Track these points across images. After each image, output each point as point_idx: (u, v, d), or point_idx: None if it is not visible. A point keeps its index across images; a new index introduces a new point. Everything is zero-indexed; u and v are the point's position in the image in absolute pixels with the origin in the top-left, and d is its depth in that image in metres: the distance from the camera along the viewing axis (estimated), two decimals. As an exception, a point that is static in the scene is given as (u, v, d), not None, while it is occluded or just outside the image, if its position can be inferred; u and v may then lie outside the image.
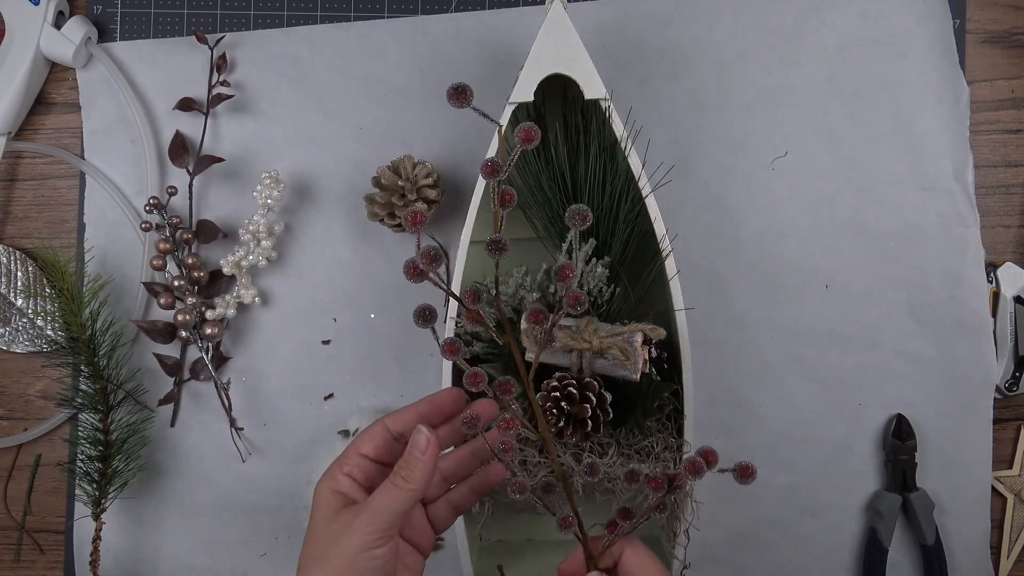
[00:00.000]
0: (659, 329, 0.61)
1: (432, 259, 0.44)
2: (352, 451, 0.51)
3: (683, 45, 0.73)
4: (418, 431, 0.49)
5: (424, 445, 0.48)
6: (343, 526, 0.47)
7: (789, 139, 0.73)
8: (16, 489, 0.76)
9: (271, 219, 0.72)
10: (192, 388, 0.74)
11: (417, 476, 0.48)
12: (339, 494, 0.49)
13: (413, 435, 0.49)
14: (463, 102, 0.46)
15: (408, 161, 0.69)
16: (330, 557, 0.46)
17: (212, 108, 0.74)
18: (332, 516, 0.48)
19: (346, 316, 0.74)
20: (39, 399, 0.76)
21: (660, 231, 0.62)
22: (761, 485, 0.72)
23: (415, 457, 0.48)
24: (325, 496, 0.49)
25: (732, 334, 0.73)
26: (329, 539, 0.47)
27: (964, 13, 0.74)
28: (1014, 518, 0.74)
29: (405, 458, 0.49)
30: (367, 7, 0.75)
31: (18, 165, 0.76)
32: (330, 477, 0.50)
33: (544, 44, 0.61)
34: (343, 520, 0.47)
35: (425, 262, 0.44)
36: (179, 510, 0.74)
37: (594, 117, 0.64)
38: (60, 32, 0.72)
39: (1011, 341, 0.73)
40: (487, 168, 0.46)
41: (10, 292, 0.74)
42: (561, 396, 0.61)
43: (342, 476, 0.50)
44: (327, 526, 0.48)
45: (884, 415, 0.73)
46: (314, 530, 0.49)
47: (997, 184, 0.75)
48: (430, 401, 0.52)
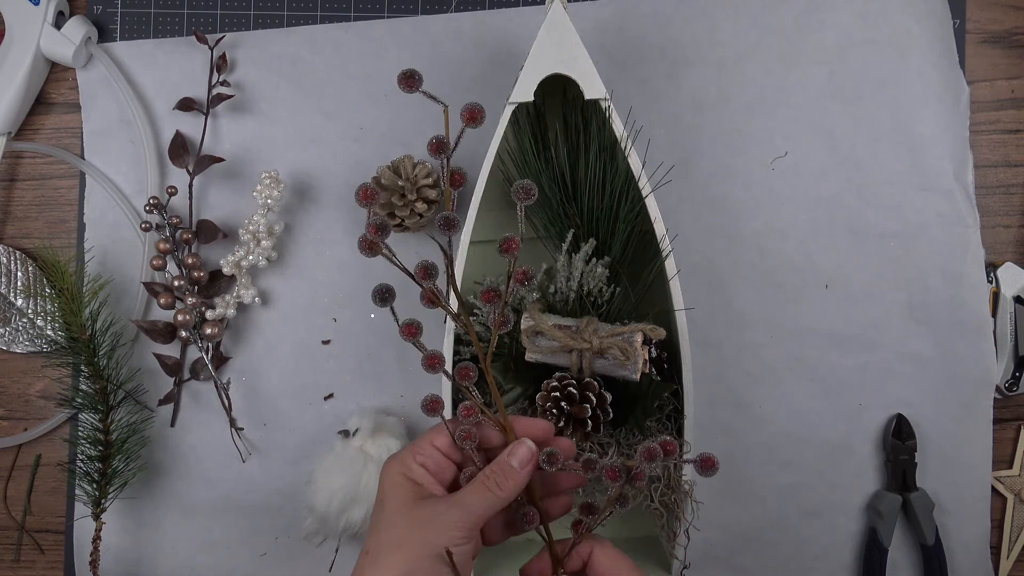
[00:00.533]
0: (659, 329, 0.61)
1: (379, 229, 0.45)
2: (426, 442, 0.50)
3: (683, 45, 0.73)
4: (522, 443, 0.49)
5: (525, 459, 0.49)
6: (429, 517, 0.46)
7: (789, 139, 0.73)
8: (16, 489, 0.76)
9: (271, 219, 0.72)
10: (192, 388, 0.74)
11: (510, 486, 0.48)
12: (413, 482, 0.48)
13: (515, 445, 0.49)
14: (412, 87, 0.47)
15: (408, 161, 0.69)
16: (410, 545, 0.46)
17: (212, 108, 0.74)
18: (410, 504, 0.47)
19: (346, 316, 0.74)
20: (39, 399, 0.76)
21: (660, 231, 0.62)
22: (761, 485, 0.72)
23: (511, 468, 0.49)
24: (398, 481, 0.48)
25: (732, 334, 0.73)
26: (409, 527, 0.46)
27: (964, 13, 0.74)
28: (1014, 518, 0.74)
29: (500, 465, 0.49)
30: (367, 7, 0.75)
31: (18, 165, 0.76)
32: (402, 463, 0.49)
33: (544, 44, 0.61)
34: (428, 511, 0.47)
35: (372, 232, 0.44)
36: (179, 510, 0.74)
37: (594, 117, 0.64)
38: (60, 32, 0.72)
39: (1011, 341, 0.73)
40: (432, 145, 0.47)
41: (10, 292, 0.74)
42: (561, 396, 0.61)
43: (416, 465, 0.49)
44: (406, 513, 0.47)
45: (884, 415, 0.73)
46: (388, 515, 0.47)
47: (997, 184, 0.75)
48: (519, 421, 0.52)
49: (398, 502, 0.48)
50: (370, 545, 0.47)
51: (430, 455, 0.50)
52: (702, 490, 0.66)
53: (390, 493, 0.48)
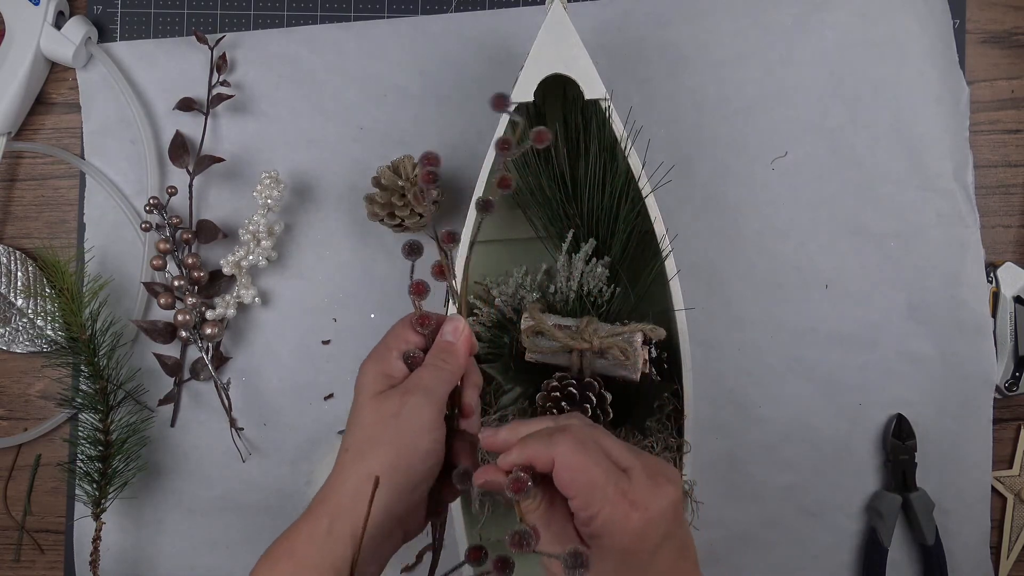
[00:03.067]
0: (659, 329, 0.61)
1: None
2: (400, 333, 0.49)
3: (683, 45, 0.73)
4: (450, 319, 0.49)
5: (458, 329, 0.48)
6: (396, 407, 0.45)
7: (789, 139, 0.73)
8: (16, 489, 0.76)
9: (271, 219, 0.72)
10: (192, 388, 0.74)
11: (453, 359, 0.47)
12: (388, 376, 0.47)
13: (445, 324, 0.48)
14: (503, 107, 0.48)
15: (408, 161, 0.69)
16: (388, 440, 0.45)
17: (212, 108, 0.74)
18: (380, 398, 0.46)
19: (346, 316, 0.74)
20: (39, 399, 0.76)
21: (660, 231, 0.62)
22: (761, 485, 0.72)
23: (448, 343, 0.48)
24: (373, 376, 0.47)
25: (732, 334, 0.73)
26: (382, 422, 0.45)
27: (964, 13, 0.74)
28: (1014, 518, 0.74)
29: (439, 344, 0.48)
30: (367, 7, 0.75)
31: (18, 165, 0.76)
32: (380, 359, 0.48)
33: (544, 44, 0.61)
34: (393, 402, 0.45)
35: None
36: (179, 510, 0.74)
37: (594, 117, 0.64)
38: (60, 32, 0.72)
39: (1011, 341, 0.73)
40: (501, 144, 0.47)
41: (10, 292, 0.74)
42: (561, 396, 0.61)
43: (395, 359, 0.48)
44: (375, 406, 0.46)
45: (884, 415, 0.73)
46: (360, 413, 0.46)
47: (997, 184, 0.75)
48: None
49: (367, 397, 0.46)
50: (348, 443, 0.46)
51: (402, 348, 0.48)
52: (702, 490, 0.66)
53: (362, 390, 0.47)
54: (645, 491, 0.43)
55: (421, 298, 0.48)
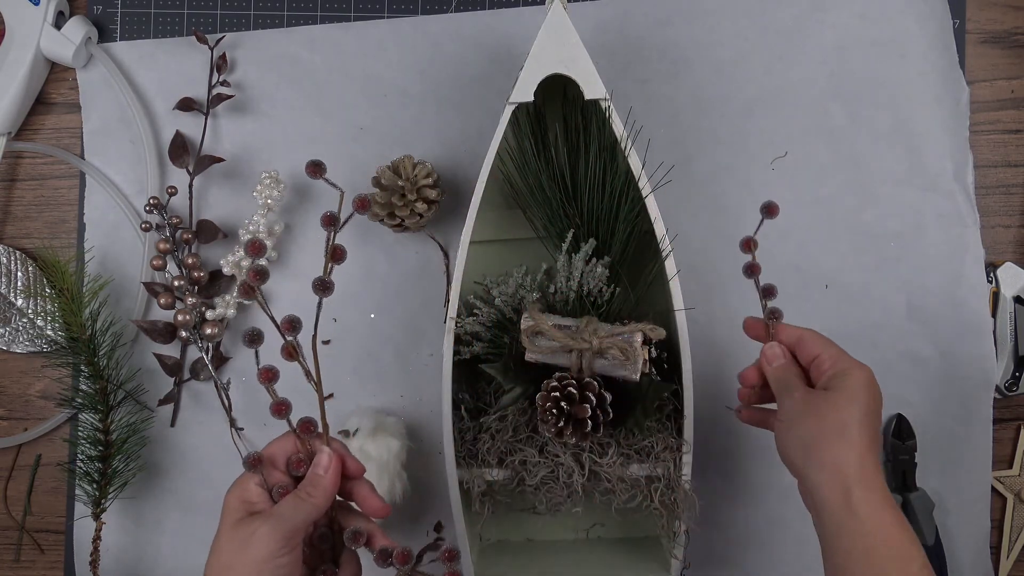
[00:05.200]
0: (659, 329, 0.61)
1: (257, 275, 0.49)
2: (246, 477, 0.51)
3: (683, 45, 0.73)
4: (320, 451, 0.52)
5: (326, 463, 0.51)
6: (248, 534, 0.48)
7: (789, 139, 0.73)
8: (16, 489, 0.76)
9: (271, 219, 0.72)
10: (192, 388, 0.74)
11: (319, 492, 0.50)
12: (246, 503, 0.50)
13: (316, 456, 0.52)
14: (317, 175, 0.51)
15: (408, 161, 0.69)
16: (235, 565, 0.48)
17: (212, 108, 0.74)
18: (237, 523, 0.49)
19: (346, 316, 0.74)
20: (39, 399, 0.76)
21: (660, 231, 0.62)
22: (761, 485, 0.72)
23: (317, 475, 0.51)
24: (233, 504, 0.50)
25: (732, 334, 0.73)
26: (233, 548, 0.49)
27: (964, 13, 0.74)
28: (1014, 518, 0.74)
29: (309, 476, 0.51)
30: (367, 7, 0.75)
31: (18, 165, 0.76)
32: (239, 487, 0.51)
33: (544, 44, 0.61)
34: (247, 528, 0.49)
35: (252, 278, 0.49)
36: (179, 510, 0.74)
37: (594, 117, 0.64)
38: (60, 32, 0.72)
39: (1011, 341, 0.73)
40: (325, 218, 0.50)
41: (10, 292, 0.74)
42: (561, 396, 0.61)
43: (252, 486, 0.51)
44: (231, 534, 0.49)
45: (884, 415, 0.72)
46: (219, 540, 0.50)
47: (997, 184, 0.75)
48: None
49: (227, 525, 0.50)
50: (208, 569, 0.49)
51: (267, 476, 0.51)
52: (702, 490, 0.66)
53: (223, 517, 0.50)
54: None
55: (271, 383, 0.52)
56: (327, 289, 0.50)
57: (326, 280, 0.50)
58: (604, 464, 0.63)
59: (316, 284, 0.50)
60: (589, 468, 0.63)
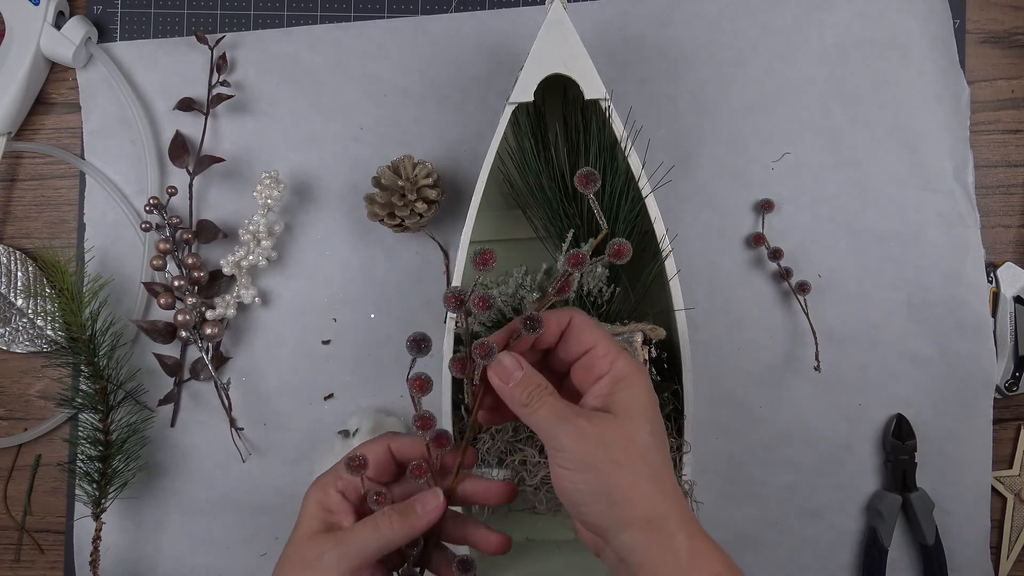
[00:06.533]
0: (659, 329, 0.61)
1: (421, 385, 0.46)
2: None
3: (683, 45, 0.73)
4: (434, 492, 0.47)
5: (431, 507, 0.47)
6: (318, 554, 0.45)
7: (789, 139, 0.73)
8: (16, 489, 0.76)
9: (271, 219, 0.72)
10: (192, 388, 0.74)
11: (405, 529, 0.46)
12: (326, 510, 0.48)
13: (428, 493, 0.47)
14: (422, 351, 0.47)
15: (408, 161, 0.69)
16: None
17: (212, 108, 0.74)
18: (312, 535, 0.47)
19: (346, 316, 0.74)
20: (39, 399, 0.76)
21: (660, 231, 0.62)
22: (761, 485, 0.72)
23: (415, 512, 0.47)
24: (312, 509, 0.48)
25: (732, 334, 0.73)
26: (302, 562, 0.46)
27: (964, 13, 0.74)
28: (1014, 518, 0.74)
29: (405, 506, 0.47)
30: (367, 7, 0.75)
31: (18, 165, 0.76)
32: (322, 488, 0.48)
33: (544, 44, 0.61)
34: (319, 546, 0.46)
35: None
36: (179, 510, 0.74)
37: (594, 117, 0.64)
38: (60, 32, 0.72)
39: (1011, 341, 0.73)
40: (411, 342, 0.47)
41: (10, 292, 0.74)
42: (561, 396, 0.61)
43: (334, 492, 0.48)
44: (304, 545, 0.46)
45: (884, 415, 0.73)
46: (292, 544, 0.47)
47: (997, 184, 0.75)
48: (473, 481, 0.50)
49: (303, 531, 0.47)
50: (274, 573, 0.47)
51: (350, 479, 0.48)
52: (702, 490, 0.66)
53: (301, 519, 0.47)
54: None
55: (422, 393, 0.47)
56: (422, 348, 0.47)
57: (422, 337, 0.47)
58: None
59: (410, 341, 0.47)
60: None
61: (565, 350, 0.47)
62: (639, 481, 0.43)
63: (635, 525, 0.42)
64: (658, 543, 0.42)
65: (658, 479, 0.43)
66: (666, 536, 0.42)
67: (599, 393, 0.45)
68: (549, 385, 0.46)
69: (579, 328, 0.47)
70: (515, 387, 0.45)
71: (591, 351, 0.46)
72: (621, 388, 0.45)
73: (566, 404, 0.45)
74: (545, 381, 0.46)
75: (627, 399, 0.44)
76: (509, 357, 0.46)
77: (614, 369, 0.45)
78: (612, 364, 0.45)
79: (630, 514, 0.42)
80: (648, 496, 0.43)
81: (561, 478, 0.44)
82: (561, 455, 0.44)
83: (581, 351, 0.47)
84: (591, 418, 0.44)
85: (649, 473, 0.43)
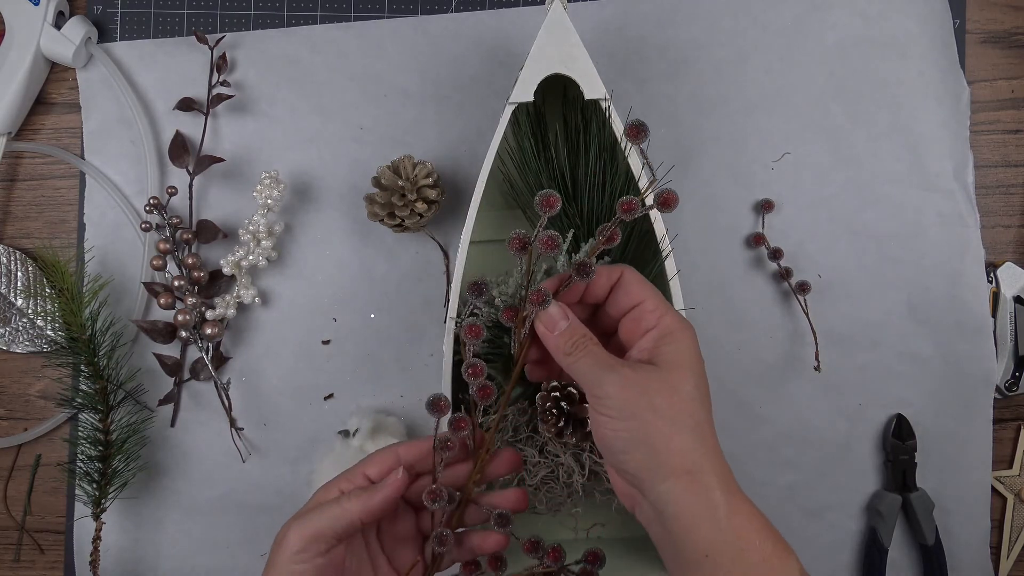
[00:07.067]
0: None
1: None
2: (358, 471, 0.50)
3: (683, 45, 0.73)
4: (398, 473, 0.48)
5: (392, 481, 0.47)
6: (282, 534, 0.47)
7: (789, 139, 0.73)
8: (16, 489, 0.76)
9: (271, 219, 0.72)
10: (192, 388, 0.74)
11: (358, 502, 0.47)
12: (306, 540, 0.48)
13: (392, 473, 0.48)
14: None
15: (408, 161, 0.69)
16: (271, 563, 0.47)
17: (212, 108, 0.74)
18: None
19: (346, 316, 0.74)
20: (39, 399, 0.76)
21: (660, 231, 0.62)
22: (761, 485, 0.72)
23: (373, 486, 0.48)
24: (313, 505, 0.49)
25: (732, 334, 0.73)
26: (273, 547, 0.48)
27: (964, 13, 0.74)
28: (1014, 518, 0.74)
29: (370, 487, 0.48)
30: (367, 7, 0.75)
31: (18, 165, 0.76)
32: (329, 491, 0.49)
33: (544, 44, 0.61)
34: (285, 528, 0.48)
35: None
36: (179, 510, 0.74)
37: (594, 117, 0.64)
38: (60, 32, 0.72)
39: (1011, 341, 0.73)
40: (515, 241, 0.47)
41: (10, 292, 0.74)
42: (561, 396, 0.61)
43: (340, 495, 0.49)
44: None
45: (884, 415, 0.73)
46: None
47: (997, 184, 0.75)
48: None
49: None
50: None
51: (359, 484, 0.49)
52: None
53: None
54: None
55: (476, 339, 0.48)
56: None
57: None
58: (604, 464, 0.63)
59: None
60: (589, 468, 0.63)
61: (614, 304, 0.48)
62: (680, 432, 0.42)
63: (674, 475, 0.42)
64: (696, 495, 0.42)
65: (699, 432, 0.43)
66: (704, 489, 0.42)
67: (645, 347, 0.45)
68: (593, 336, 0.46)
69: (629, 282, 0.47)
70: (560, 336, 0.46)
71: (639, 306, 0.46)
72: (667, 342, 0.45)
73: (609, 355, 0.45)
74: (589, 332, 0.46)
75: (672, 352, 0.44)
76: (556, 307, 0.46)
77: (661, 324, 0.45)
78: (660, 319, 0.45)
79: (669, 464, 0.42)
80: (688, 447, 0.42)
81: (601, 425, 0.44)
82: (603, 402, 0.44)
83: (630, 305, 0.47)
84: (635, 367, 0.44)
85: (691, 425, 0.43)
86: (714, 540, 0.41)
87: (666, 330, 0.45)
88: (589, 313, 0.50)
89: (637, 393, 0.43)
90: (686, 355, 0.45)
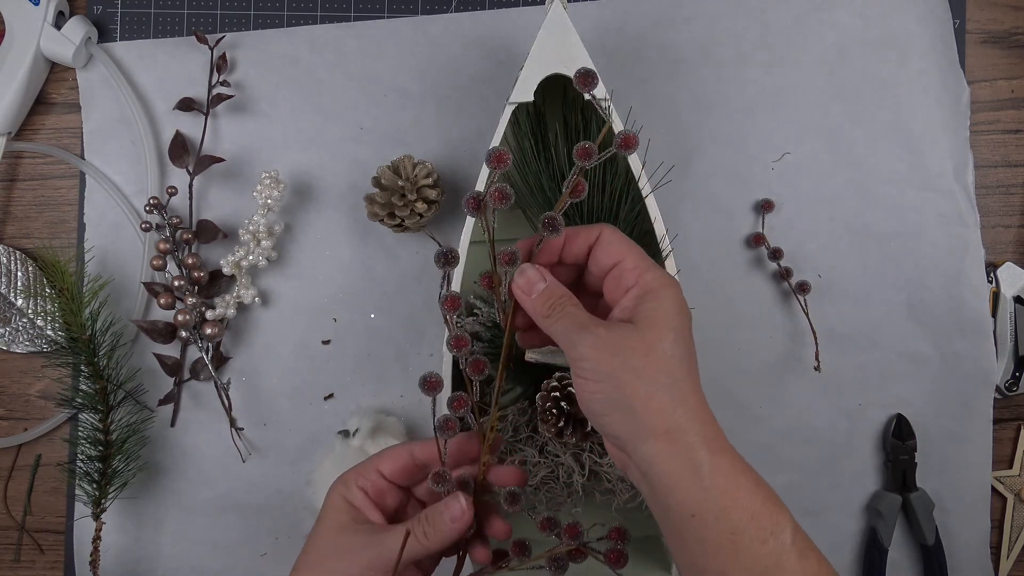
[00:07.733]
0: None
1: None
2: (371, 466, 0.50)
3: (683, 45, 0.73)
4: (456, 497, 0.47)
5: (458, 515, 0.47)
6: (349, 547, 0.46)
7: (789, 139, 0.73)
8: (16, 489, 0.76)
9: (271, 219, 0.72)
10: (192, 388, 0.74)
11: (438, 540, 0.46)
12: (351, 506, 0.49)
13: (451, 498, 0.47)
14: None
15: (408, 161, 0.69)
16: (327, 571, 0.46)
17: (212, 108, 0.74)
18: (341, 528, 0.47)
19: (346, 316, 0.74)
20: (39, 399, 0.76)
21: (660, 231, 0.62)
22: (761, 485, 0.72)
23: (443, 522, 0.47)
24: (336, 504, 0.49)
25: (732, 334, 0.73)
26: (332, 552, 0.47)
27: (964, 13, 0.74)
28: (1014, 518, 0.74)
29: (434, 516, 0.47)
30: (367, 7, 0.75)
31: (18, 165, 0.76)
32: (344, 485, 0.49)
33: (544, 44, 0.61)
34: (352, 540, 0.47)
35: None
36: (179, 510, 0.74)
37: (594, 117, 0.64)
38: (60, 32, 0.72)
39: (1011, 341, 0.73)
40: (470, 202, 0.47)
41: (10, 292, 0.74)
42: (561, 396, 0.61)
43: (357, 489, 0.49)
44: (334, 537, 0.47)
45: (884, 415, 0.73)
46: (318, 536, 0.48)
47: (997, 184, 0.75)
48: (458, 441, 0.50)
49: (330, 524, 0.48)
50: (298, 562, 0.48)
51: (373, 480, 0.49)
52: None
53: (325, 513, 0.48)
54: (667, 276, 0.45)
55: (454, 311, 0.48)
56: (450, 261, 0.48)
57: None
58: (604, 464, 0.63)
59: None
60: (589, 468, 0.63)
61: (596, 264, 0.47)
62: (657, 391, 0.42)
63: (653, 436, 0.41)
64: (677, 456, 0.41)
65: (678, 390, 0.42)
66: (686, 449, 0.41)
67: (626, 306, 0.44)
68: (572, 296, 0.45)
69: (608, 241, 0.46)
70: (538, 298, 0.45)
71: (620, 264, 0.45)
72: (647, 300, 0.44)
73: (588, 315, 0.44)
74: (568, 292, 0.45)
75: (651, 310, 0.43)
76: (532, 269, 0.46)
77: (641, 281, 0.44)
78: (640, 276, 0.44)
79: (648, 424, 0.41)
80: (667, 407, 0.42)
81: (581, 388, 0.43)
82: (579, 364, 0.43)
83: (610, 264, 0.46)
84: (610, 327, 0.43)
85: (668, 384, 0.42)
86: (698, 500, 0.41)
87: (647, 287, 0.44)
88: (574, 276, 0.49)
89: (610, 353, 0.42)
90: (665, 312, 0.43)
